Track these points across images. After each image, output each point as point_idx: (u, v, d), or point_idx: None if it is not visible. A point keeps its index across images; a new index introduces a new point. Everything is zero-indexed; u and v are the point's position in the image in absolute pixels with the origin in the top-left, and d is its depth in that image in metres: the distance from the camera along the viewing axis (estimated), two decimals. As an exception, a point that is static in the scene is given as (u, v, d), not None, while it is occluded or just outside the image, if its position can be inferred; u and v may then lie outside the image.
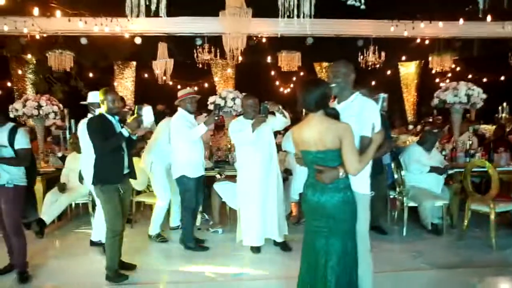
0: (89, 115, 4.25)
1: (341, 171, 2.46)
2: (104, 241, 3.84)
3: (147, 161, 4.84)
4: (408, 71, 11.51)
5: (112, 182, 3.57)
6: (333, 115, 2.55)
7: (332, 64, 2.81)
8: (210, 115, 4.40)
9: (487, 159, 5.28)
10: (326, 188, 2.51)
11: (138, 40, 7.38)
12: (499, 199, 4.43)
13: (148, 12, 3.75)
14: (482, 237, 4.64)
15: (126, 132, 3.51)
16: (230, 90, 6.63)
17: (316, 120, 2.53)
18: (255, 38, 7.87)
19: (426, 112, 11.16)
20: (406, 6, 7.41)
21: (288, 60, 9.10)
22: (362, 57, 8.29)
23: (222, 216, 5.25)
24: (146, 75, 10.64)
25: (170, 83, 9.55)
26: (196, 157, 4.42)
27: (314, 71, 11.11)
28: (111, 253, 3.67)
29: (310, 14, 3.94)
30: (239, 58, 7.21)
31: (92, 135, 3.55)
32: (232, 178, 4.99)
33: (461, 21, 7.07)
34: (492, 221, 4.34)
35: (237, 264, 4.12)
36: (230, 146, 5.88)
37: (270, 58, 9.96)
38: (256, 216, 4.28)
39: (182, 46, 8.65)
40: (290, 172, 5.36)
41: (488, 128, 8.39)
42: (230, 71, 10.61)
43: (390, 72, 11.31)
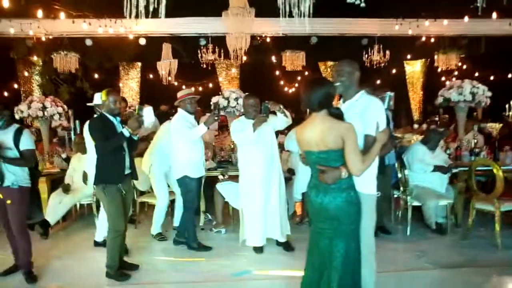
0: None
1: (343, 171, 2.43)
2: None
3: (147, 163, 4.87)
4: (414, 69, 11.42)
5: (113, 182, 3.59)
6: (336, 115, 2.51)
7: (336, 63, 2.78)
8: (210, 115, 4.40)
9: (492, 158, 5.23)
10: (329, 188, 2.48)
11: (142, 41, 7.42)
12: (504, 198, 4.37)
13: (147, 14, 3.75)
14: (487, 236, 4.59)
15: (127, 132, 3.53)
16: (233, 90, 6.63)
17: (319, 120, 2.50)
18: (259, 38, 7.88)
19: (432, 111, 11.04)
20: (411, 4, 7.35)
21: (293, 59, 9.07)
22: (366, 56, 8.25)
23: (225, 216, 5.25)
24: (151, 76, 10.68)
25: (175, 83, 9.59)
26: (196, 157, 4.42)
27: (319, 70, 11.06)
28: (112, 252, 3.71)
29: (309, 12, 3.92)
30: (243, 58, 7.19)
31: (93, 135, 3.58)
32: (235, 178, 4.98)
33: (466, 18, 7.00)
34: (497, 220, 4.29)
35: (240, 264, 4.12)
36: (233, 146, 5.87)
37: (274, 58, 9.95)
38: (257, 216, 4.28)
39: (186, 46, 8.69)
40: (293, 172, 5.35)
41: (494, 126, 8.29)
42: (234, 71, 10.62)
43: (395, 71, 11.23)
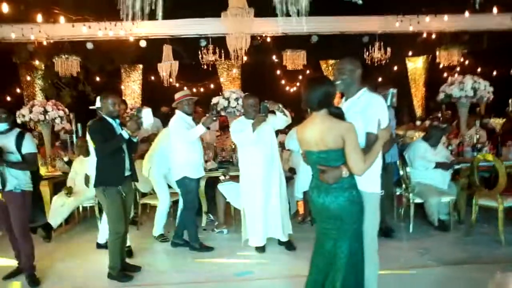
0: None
1: (344, 170, 2.40)
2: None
3: (146, 166, 4.89)
4: (416, 66, 11.36)
5: (113, 184, 3.60)
6: (337, 115, 2.47)
7: (338, 61, 2.74)
8: (208, 116, 4.40)
9: (495, 153, 5.19)
10: (330, 188, 2.46)
11: (143, 43, 7.43)
12: (507, 194, 4.34)
13: (143, 15, 3.76)
14: (490, 232, 4.57)
15: (126, 134, 3.54)
16: (233, 90, 6.64)
17: (318, 120, 2.47)
18: (259, 37, 7.86)
19: (434, 107, 10.98)
20: (411, 0, 7.31)
21: (293, 58, 9.04)
22: (367, 53, 8.21)
23: (227, 217, 5.26)
24: (153, 78, 10.68)
25: (176, 85, 9.59)
26: (195, 157, 4.42)
27: (320, 69, 11.02)
28: (114, 253, 3.72)
29: (306, 11, 3.90)
30: (244, 58, 7.18)
31: (92, 137, 3.59)
32: (236, 178, 4.98)
33: (466, 13, 6.95)
34: (500, 216, 4.26)
35: (242, 264, 4.12)
36: (234, 146, 5.87)
37: (275, 57, 9.93)
38: (258, 215, 4.27)
39: (186, 47, 8.68)
40: (294, 171, 5.34)
41: (498, 122, 8.23)
42: (235, 71, 10.60)
43: (397, 68, 11.17)
